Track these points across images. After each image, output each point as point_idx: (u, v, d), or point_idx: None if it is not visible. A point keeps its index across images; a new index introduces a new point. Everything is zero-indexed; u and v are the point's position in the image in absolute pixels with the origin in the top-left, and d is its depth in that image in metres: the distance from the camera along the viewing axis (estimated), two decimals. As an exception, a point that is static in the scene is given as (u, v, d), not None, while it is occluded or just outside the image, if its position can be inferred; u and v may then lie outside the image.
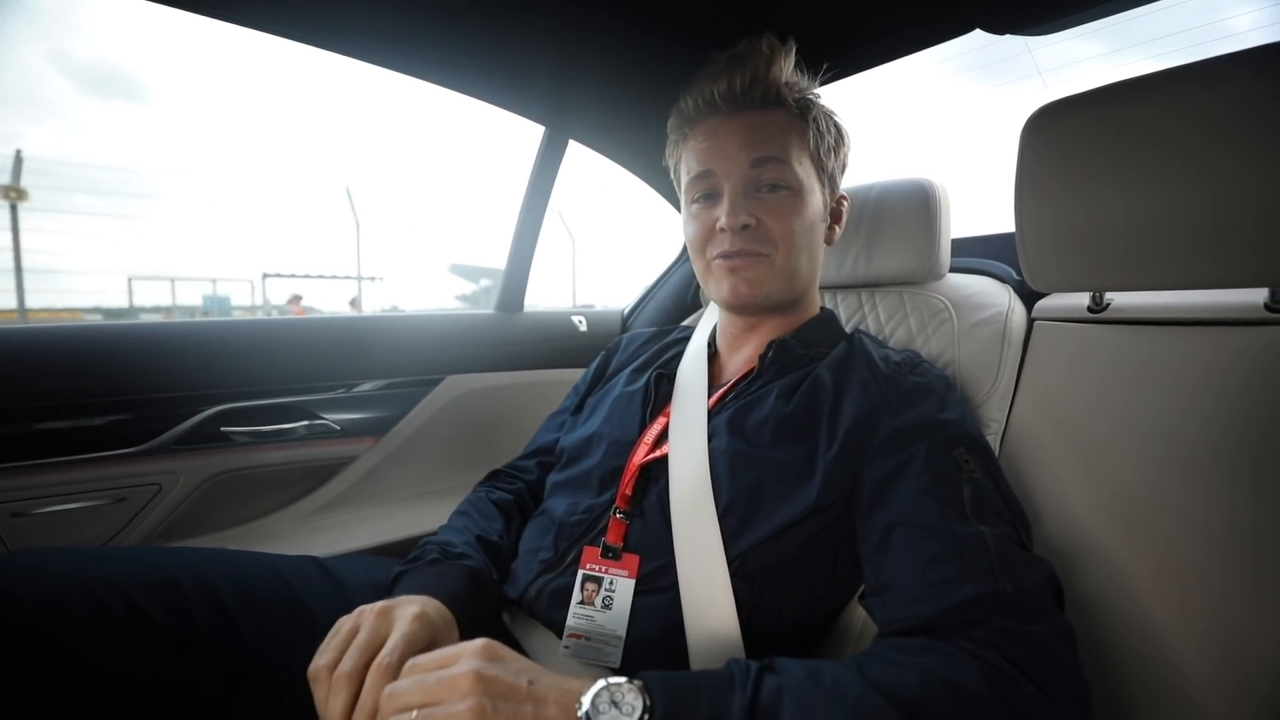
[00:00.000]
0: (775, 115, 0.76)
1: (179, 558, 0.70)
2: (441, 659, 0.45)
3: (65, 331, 1.02)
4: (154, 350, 1.05)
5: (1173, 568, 0.62)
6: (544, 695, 0.43)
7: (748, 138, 0.75)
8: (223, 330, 1.14)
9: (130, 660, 0.61)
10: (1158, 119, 0.59)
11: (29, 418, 0.96)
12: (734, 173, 0.75)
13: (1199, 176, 0.57)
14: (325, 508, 1.22)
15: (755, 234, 0.75)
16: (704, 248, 0.79)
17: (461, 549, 0.71)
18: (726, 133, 0.76)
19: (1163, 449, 0.66)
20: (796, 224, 0.76)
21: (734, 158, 0.75)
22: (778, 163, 0.75)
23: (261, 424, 1.13)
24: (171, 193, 51.24)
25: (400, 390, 1.27)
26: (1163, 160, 0.59)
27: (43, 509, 0.96)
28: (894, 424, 0.65)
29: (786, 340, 0.78)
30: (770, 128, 0.76)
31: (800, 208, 0.76)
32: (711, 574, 0.63)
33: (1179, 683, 0.59)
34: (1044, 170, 0.67)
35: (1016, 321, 0.86)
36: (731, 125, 0.76)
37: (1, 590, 0.59)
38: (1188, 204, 0.58)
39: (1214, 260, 0.58)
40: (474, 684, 0.42)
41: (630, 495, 0.71)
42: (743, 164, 0.75)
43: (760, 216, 0.75)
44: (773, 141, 0.75)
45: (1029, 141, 0.68)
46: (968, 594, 0.50)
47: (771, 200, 0.75)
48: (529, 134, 1.35)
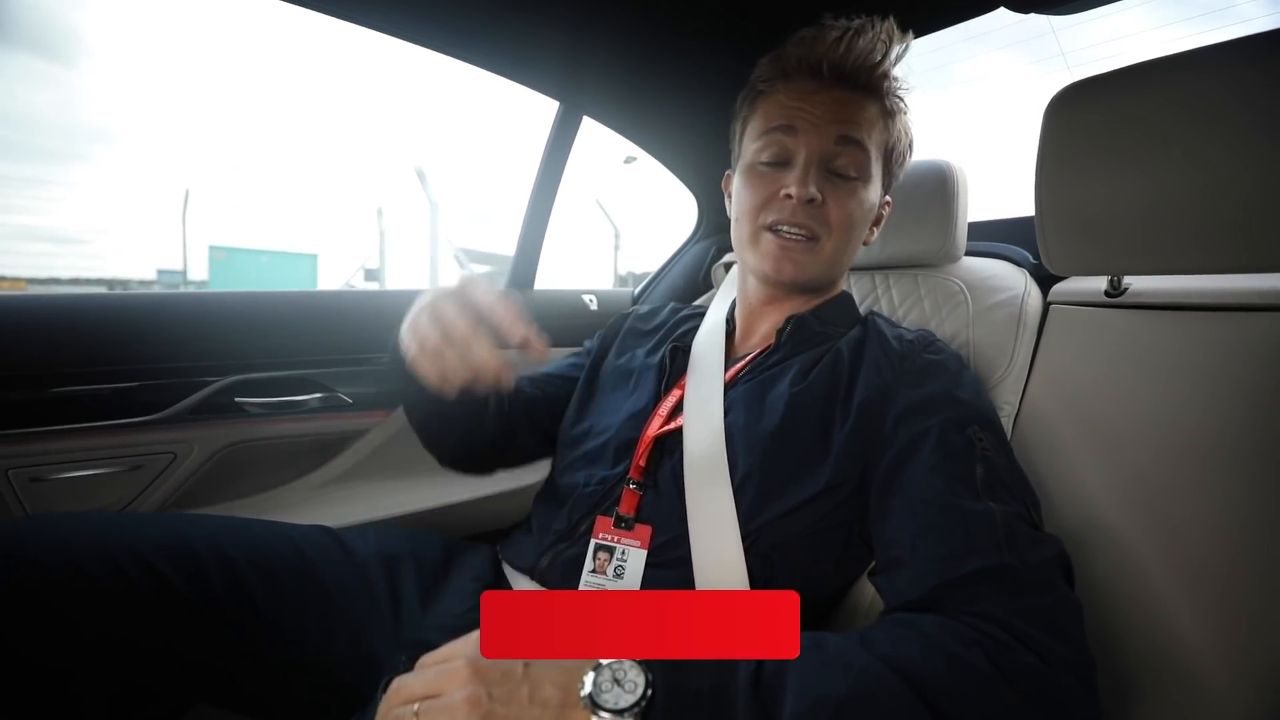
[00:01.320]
0: (870, 102, 0.76)
1: (195, 525, 0.71)
2: (447, 654, 0.47)
3: (84, 300, 1.03)
4: (170, 320, 1.06)
5: (1184, 553, 0.62)
6: (539, 677, 0.44)
7: (840, 114, 0.74)
8: (237, 301, 1.15)
9: (146, 624, 0.63)
10: (1184, 100, 0.58)
11: (48, 384, 0.97)
12: (815, 142, 0.74)
13: (1225, 159, 0.56)
14: (337, 480, 1.23)
15: (817, 212, 0.74)
16: (758, 212, 0.77)
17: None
18: (820, 100, 0.74)
19: (1178, 434, 0.66)
20: (856, 214, 0.76)
21: (821, 128, 0.74)
22: (858, 148, 0.74)
23: (275, 396, 1.14)
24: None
25: (412, 365, 1.27)
26: (1188, 143, 0.58)
27: (61, 474, 0.98)
28: (907, 401, 0.65)
29: (805, 316, 0.78)
30: (862, 112, 0.75)
31: (862, 199, 0.76)
32: (725, 548, 0.63)
33: (1187, 665, 0.59)
34: (1067, 152, 0.66)
35: (1032, 305, 0.85)
36: (827, 95, 0.74)
37: (21, 553, 0.60)
38: (1211, 186, 0.57)
39: (1239, 244, 0.57)
40: (470, 674, 0.43)
41: (644, 467, 0.71)
42: (827, 137, 0.74)
43: (826, 195, 0.74)
44: (861, 126, 0.75)
45: (1052, 123, 0.67)
46: (973, 567, 0.51)
47: (840, 184, 0.75)
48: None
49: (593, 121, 1.35)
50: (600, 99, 1.31)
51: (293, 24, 68.51)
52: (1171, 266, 0.63)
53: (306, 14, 0.97)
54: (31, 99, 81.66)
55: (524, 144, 3.70)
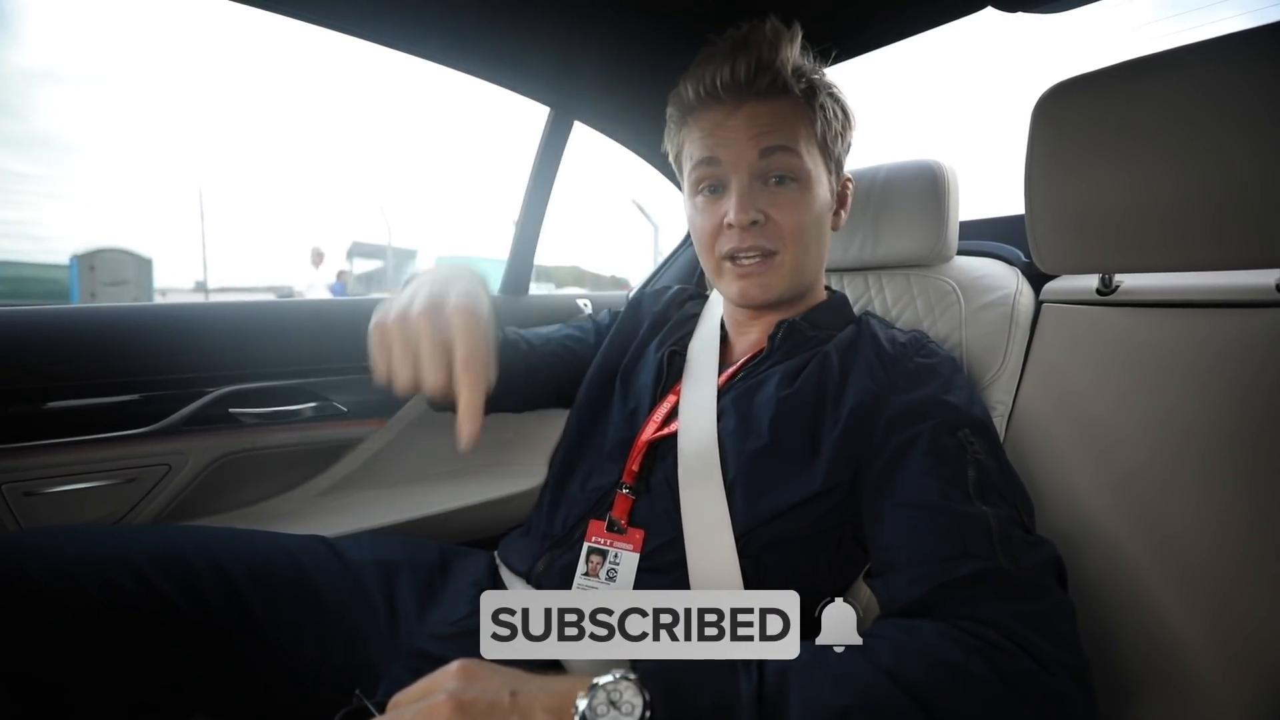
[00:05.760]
0: (781, 104, 0.74)
1: (190, 536, 0.71)
2: (425, 689, 0.43)
3: (75, 312, 1.03)
4: (162, 331, 1.06)
5: (1177, 551, 0.62)
6: (529, 705, 0.40)
7: (755, 128, 0.73)
8: (230, 312, 1.15)
9: (141, 637, 0.62)
10: (1171, 98, 0.58)
11: (40, 398, 0.96)
12: (741, 164, 0.73)
13: (1212, 156, 0.56)
14: (332, 489, 1.22)
15: (763, 230, 0.73)
16: (712, 244, 0.77)
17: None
18: (732, 124, 0.73)
19: (1170, 432, 0.66)
20: (805, 219, 0.75)
21: (741, 148, 0.73)
22: (786, 152, 0.73)
23: (269, 406, 1.13)
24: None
25: (407, 372, 1.26)
26: (1176, 140, 0.58)
27: (54, 488, 0.97)
28: (899, 405, 0.65)
29: (795, 321, 0.78)
30: (777, 117, 0.73)
31: (809, 201, 0.75)
32: (719, 552, 0.63)
33: (1182, 663, 0.59)
34: (1055, 150, 0.66)
35: (1024, 304, 0.86)
36: (737, 116, 0.73)
37: (15, 567, 0.60)
38: (1201, 184, 0.57)
39: (1227, 241, 0.57)
40: (452, 711, 0.39)
41: (637, 471, 0.71)
42: (750, 155, 0.73)
43: (769, 212, 0.73)
44: (781, 130, 0.73)
45: (1040, 121, 0.67)
46: (967, 571, 0.51)
47: (780, 195, 0.74)
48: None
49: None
50: (590, 104, 1.31)
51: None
52: (1161, 264, 0.64)
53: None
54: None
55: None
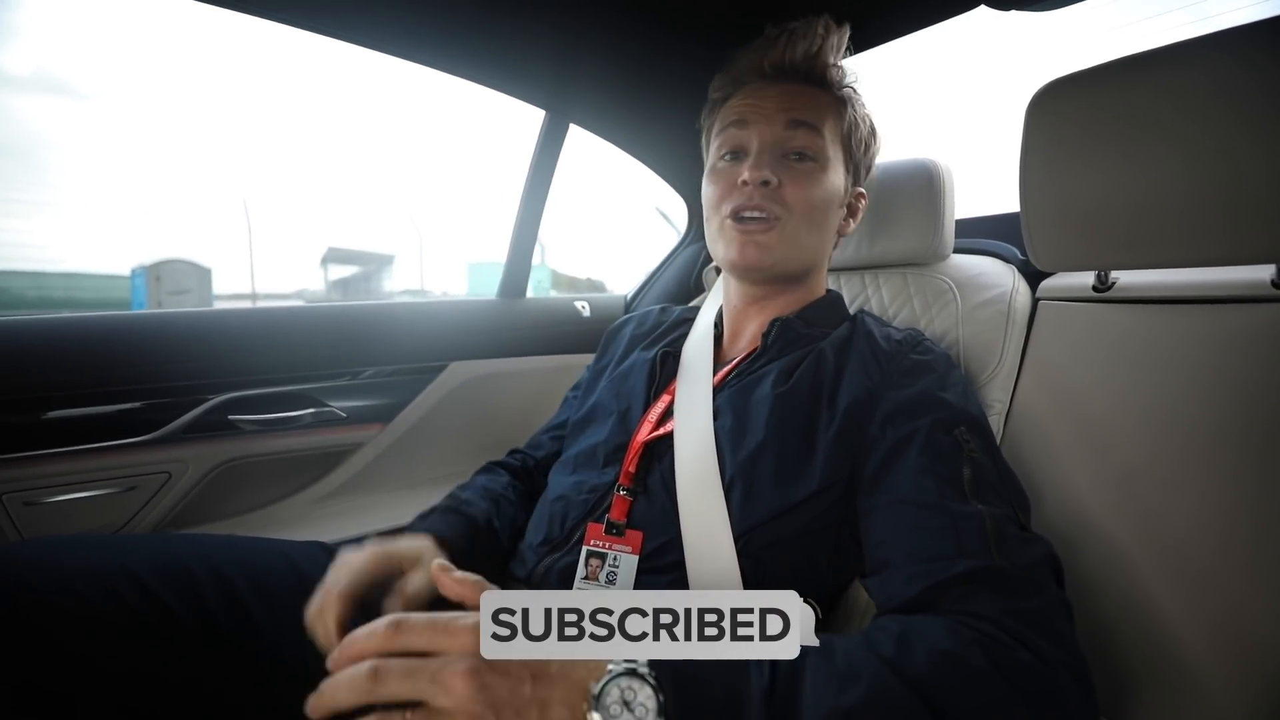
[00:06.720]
0: (819, 93, 0.79)
1: (191, 544, 0.71)
2: (434, 639, 0.43)
3: (74, 322, 1.03)
4: (161, 339, 1.06)
5: (1175, 548, 0.62)
6: (547, 696, 0.41)
7: (789, 103, 0.77)
8: (228, 319, 1.15)
9: (143, 646, 0.62)
10: (1165, 94, 0.58)
11: (40, 407, 0.96)
12: (766, 130, 0.77)
13: (1208, 152, 0.56)
14: (332, 494, 1.23)
15: (773, 194, 0.75)
16: (720, 204, 0.79)
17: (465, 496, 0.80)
18: (770, 94, 0.78)
19: (1167, 429, 0.66)
20: (815, 195, 0.77)
21: (770, 116, 0.77)
22: (810, 129, 0.77)
23: (268, 412, 1.13)
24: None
25: (405, 377, 1.28)
26: (1170, 136, 0.58)
27: (54, 498, 0.97)
28: (894, 402, 0.65)
29: (789, 319, 0.78)
30: (811, 99, 0.78)
31: (821, 181, 0.77)
32: (718, 551, 0.63)
33: (1183, 662, 0.59)
34: (1049, 148, 0.67)
35: (1021, 302, 0.86)
36: (776, 89, 0.78)
37: (15, 578, 0.59)
38: (1194, 180, 0.57)
39: (1221, 237, 0.57)
40: (474, 687, 0.40)
41: (634, 473, 0.72)
42: (777, 125, 0.76)
43: (782, 178, 0.75)
44: (810, 110, 0.77)
45: (1034, 118, 0.67)
46: (963, 568, 0.51)
47: (797, 168, 0.76)
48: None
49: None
50: (586, 107, 1.31)
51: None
52: (1155, 260, 0.64)
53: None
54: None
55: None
